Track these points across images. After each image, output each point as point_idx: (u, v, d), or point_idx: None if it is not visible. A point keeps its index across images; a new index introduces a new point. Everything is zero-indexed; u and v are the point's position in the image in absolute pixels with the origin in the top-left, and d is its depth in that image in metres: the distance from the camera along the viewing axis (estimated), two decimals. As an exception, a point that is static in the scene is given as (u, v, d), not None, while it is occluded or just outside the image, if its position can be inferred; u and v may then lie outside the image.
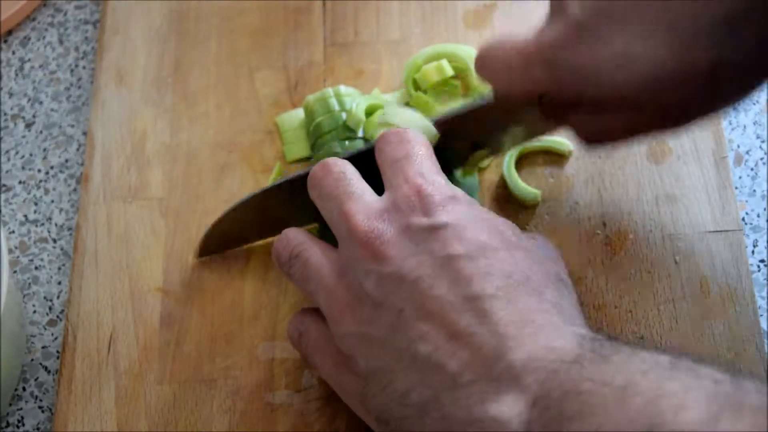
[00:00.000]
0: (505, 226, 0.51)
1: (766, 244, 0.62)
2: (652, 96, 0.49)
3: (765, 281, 0.61)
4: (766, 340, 0.58)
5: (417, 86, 0.67)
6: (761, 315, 0.59)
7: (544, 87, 0.52)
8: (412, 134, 0.55)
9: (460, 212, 0.50)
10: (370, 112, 0.65)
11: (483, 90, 0.66)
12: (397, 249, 0.49)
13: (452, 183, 0.54)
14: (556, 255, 0.54)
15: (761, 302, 0.60)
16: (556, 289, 0.50)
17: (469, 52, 0.67)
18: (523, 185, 0.62)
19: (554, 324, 0.47)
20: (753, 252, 0.62)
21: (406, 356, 0.48)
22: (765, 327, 0.59)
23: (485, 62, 0.55)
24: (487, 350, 0.46)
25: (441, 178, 0.53)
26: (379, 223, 0.51)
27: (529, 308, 0.47)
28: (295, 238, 0.55)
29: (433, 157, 0.54)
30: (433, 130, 0.58)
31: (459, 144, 0.59)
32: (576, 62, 0.50)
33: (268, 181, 0.65)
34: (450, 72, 0.66)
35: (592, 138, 0.55)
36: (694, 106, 0.52)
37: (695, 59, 0.48)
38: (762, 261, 0.62)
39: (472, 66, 0.66)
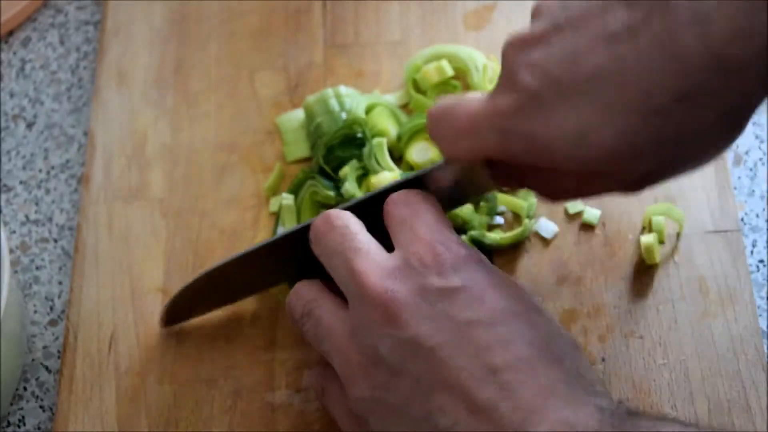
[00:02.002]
0: (521, 289, 0.49)
1: (765, 244, 0.62)
2: (609, 168, 0.47)
3: (764, 281, 0.61)
4: (764, 340, 0.58)
5: (417, 87, 0.67)
6: (760, 315, 0.59)
7: (494, 154, 0.50)
8: (420, 195, 0.52)
9: (476, 273, 0.48)
10: (369, 111, 0.65)
11: (483, 89, 0.66)
12: (412, 312, 0.47)
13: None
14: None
15: (760, 302, 0.60)
16: (573, 355, 0.47)
17: (469, 53, 0.67)
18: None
19: (576, 395, 0.45)
20: (752, 252, 0.62)
21: (424, 428, 0.46)
22: (764, 327, 0.59)
23: (436, 124, 0.52)
24: (510, 425, 0.44)
25: (453, 236, 0.50)
26: (391, 282, 0.48)
27: (551, 377, 0.45)
28: (308, 293, 0.53)
29: (443, 215, 0.52)
30: None
31: None
32: (528, 133, 0.47)
33: (268, 181, 0.65)
34: (450, 72, 0.66)
35: (553, 196, 0.53)
36: (656, 173, 0.49)
37: (653, 134, 0.45)
38: (761, 261, 0.62)
39: (472, 66, 0.66)
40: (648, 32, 0.43)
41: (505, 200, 0.62)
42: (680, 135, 0.45)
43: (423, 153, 0.63)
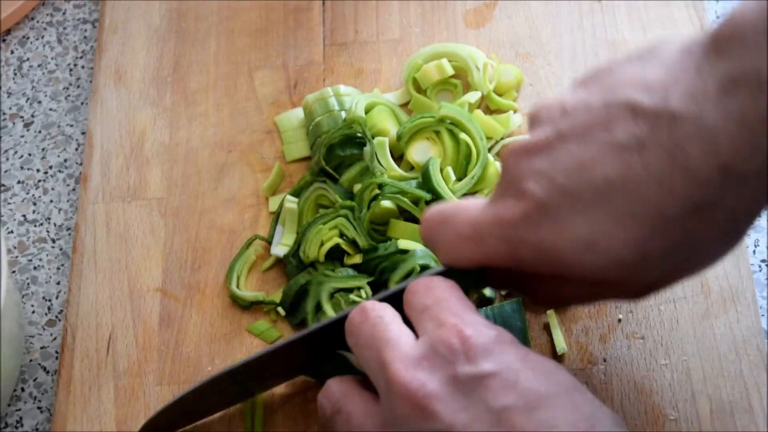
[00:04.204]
0: (556, 367, 0.47)
1: (767, 244, 0.62)
2: (617, 276, 0.46)
3: (766, 281, 0.61)
4: (766, 340, 0.58)
5: (417, 86, 0.67)
6: (762, 315, 0.59)
7: (498, 262, 0.49)
8: (437, 281, 0.50)
9: (508, 356, 0.46)
10: (369, 109, 0.65)
11: (483, 88, 0.65)
12: (445, 402, 0.45)
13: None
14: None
15: (762, 302, 0.60)
16: None
17: (469, 52, 0.66)
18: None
19: None
20: (754, 252, 0.62)
21: None
22: (766, 327, 0.59)
23: (434, 231, 0.51)
24: None
25: (479, 318, 0.48)
26: (418, 372, 0.46)
27: None
28: (337, 390, 0.51)
29: (466, 299, 0.50)
30: None
31: None
32: (536, 241, 0.46)
33: (267, 180, 0.65)
34: (450, 71, 0.66)
35: (548, 304, 0.53)
36: (661, 281, 0.49)
37: (663, 244, 0.45)
38: (763, 261, 0.61)
39: (472, 65, 0.66)
40: (656, 144, 0.44)
41: None
42: (689, 244, 0.45)
43: (423, 152, 0.63)
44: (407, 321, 0.49)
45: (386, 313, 0.49)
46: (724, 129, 0.42)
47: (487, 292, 0.58)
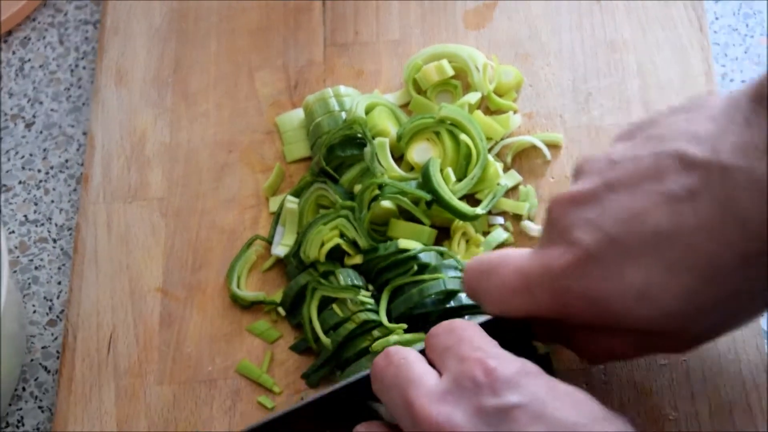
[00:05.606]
0: (585, 397, 0.46)
1: (766, 244, 0.62)
2: (667, 327, 0.46)
3: (765, 281, 0.61)
4: (766, 341, 0.58)
5: (417, 86, 0.67)
6: (762, 315, 0.59)
7: (546, 312, 0.48)
8: (458, 322, 0.50)
9: (534, 387, 0.45)
10: (369, 110, 0.65)
11: (483, 89, 0.66)
12: None
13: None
14: None
15: (762, 302, 0.60)
16: None
17: (469, 52, 0.66)
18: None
19: None
20: (753, 252, 0.62)
21: None
22: (766, 327, 0.59)
23: (479, 281, 0.51)
24: None
25: (501, 351, 0.48)
26: (443, 405, 0.45)
27: None
28: None
29: (487, 335, 0.49)
30: None
31: None
32: (587, 291, 0.46)
33: (268, 180, 0.65)
34: (450, 72, 0.66)
35: (596, 358, 0.52)
36: (710, 332, 0.49)
37: (716, 294, 0.45)
38: (762, 261, 0.61)
39: (472, 66, 0.66)
40: (707, 195, 0.44)
41: (506, 203, 0.62)
42: (740, 294, 0.45)
43: (423, 153, 0.63)
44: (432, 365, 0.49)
45: (410, 355, 0.49)
46: None
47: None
